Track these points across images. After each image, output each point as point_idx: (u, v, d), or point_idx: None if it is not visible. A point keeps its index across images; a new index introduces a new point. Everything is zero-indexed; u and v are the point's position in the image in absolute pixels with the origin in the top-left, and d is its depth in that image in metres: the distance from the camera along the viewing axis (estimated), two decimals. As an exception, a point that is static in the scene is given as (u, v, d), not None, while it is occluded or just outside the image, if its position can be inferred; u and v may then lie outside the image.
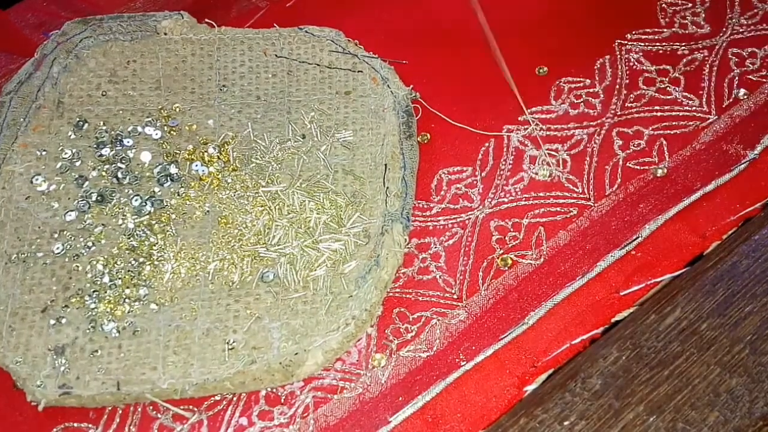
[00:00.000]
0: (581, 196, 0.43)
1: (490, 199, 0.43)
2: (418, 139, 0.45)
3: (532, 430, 0.36)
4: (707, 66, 0.47)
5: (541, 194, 0.43)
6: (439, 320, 0.39)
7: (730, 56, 0.47)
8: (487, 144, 0.45)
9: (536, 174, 0.43)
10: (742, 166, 0.43)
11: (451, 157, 0.44)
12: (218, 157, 0.44)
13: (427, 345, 0.39)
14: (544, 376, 0.37)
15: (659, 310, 0.38)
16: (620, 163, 0.44)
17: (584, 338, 0.38)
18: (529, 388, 0.37)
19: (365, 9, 0.51)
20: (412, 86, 0.46)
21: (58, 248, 0.41)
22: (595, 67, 0.47)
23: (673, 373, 0.36)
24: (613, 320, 0.39)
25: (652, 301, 0.39)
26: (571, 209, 0.42)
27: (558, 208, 0.42)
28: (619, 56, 0.48)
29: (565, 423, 0.35)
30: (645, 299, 0.39)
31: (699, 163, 0.43)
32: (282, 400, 0.37)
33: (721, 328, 0.37)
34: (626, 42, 0.48)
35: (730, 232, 0.41)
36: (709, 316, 0.38)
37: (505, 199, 0.43)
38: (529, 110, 0.46)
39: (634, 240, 0.41)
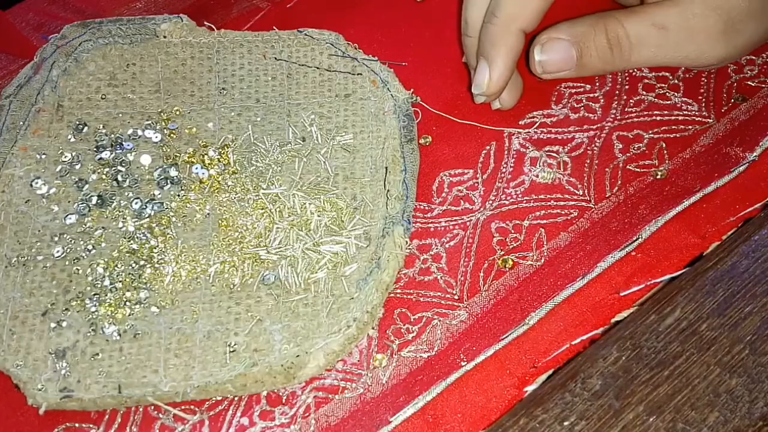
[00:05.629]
0: (582, 198, 0.43)
1: (491, 201, 0.43)
2: (420, 141, 0.45)
3: (532, 430, 0.36)
4: (706, 72, 0.47)
5: (542, 197, 0.43)
6: (440, 321, 0.39)
7: (728, 64, 0.47)
8: (488, 147, 0.45)
9: (537, 176, 0.44)
10: (742, 167, 0.43)
11: (453, 159, 0.45)
12: (218, 160, 0.44)
13: (428, 345, 0.39)
14: (544, 377, 0.37)
15: (659, 310, 0.38)
16: (620, 165, 0.44)
17: (584, 338, 0.38)
18: (530, 389, 0.37)
19: (364, 11, 0.50)
20: (412, 90, 0.46)
21: (58, 251, 0.41)
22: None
23: (673, 374, 0.36)
24: (612, 320, 0.39)
25: (652, 301, 0.39)
26: (571, 211, 0.43)
27: (559, 210, 0.43)
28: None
29: (565, 423, 0.36)
30: (645, 299, 0.40)
31: (699, 165, 0.43)
32: (283, 401, 0.37)
33: (721, 328, 0.37)
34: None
35: (730, 233, 0.41)
36: (709, 317, 0.38)
37: (506, 202, 0.43)
38: (529, 114, 0.46)
39: (635, 241, 0.41)
